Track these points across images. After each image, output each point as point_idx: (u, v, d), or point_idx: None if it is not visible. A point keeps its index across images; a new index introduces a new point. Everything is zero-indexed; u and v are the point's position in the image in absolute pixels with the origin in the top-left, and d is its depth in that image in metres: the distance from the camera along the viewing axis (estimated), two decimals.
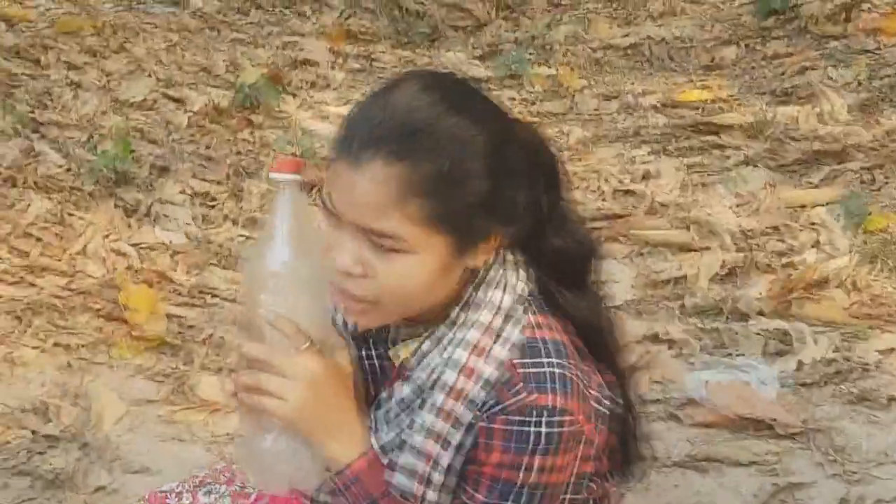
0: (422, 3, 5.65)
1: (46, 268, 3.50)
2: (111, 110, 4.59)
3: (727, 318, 3.08)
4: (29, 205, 3.81)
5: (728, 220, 3.58)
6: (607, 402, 1.43)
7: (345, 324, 1.48)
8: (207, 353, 3.07)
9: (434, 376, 1.34)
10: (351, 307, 1.35)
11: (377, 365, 1.46)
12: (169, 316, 3.25)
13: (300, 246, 1.30)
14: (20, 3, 5.87)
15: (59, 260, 3.54)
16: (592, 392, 1.39)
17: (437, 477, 1.34)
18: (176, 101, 4.68)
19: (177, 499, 1.70)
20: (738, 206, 3.73)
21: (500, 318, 1.34)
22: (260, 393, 1.33)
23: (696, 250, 3.43)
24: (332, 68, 5.08)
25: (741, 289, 3.22)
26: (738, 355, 2.91)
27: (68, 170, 4.07)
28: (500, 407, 1.30)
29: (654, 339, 2.99)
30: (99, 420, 2.86)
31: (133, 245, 3.61)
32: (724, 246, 3.42)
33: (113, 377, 3.04)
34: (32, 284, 3.43)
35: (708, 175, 3.98)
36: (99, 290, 3.38)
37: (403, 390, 1.38)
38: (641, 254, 3.46)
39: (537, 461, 1.29)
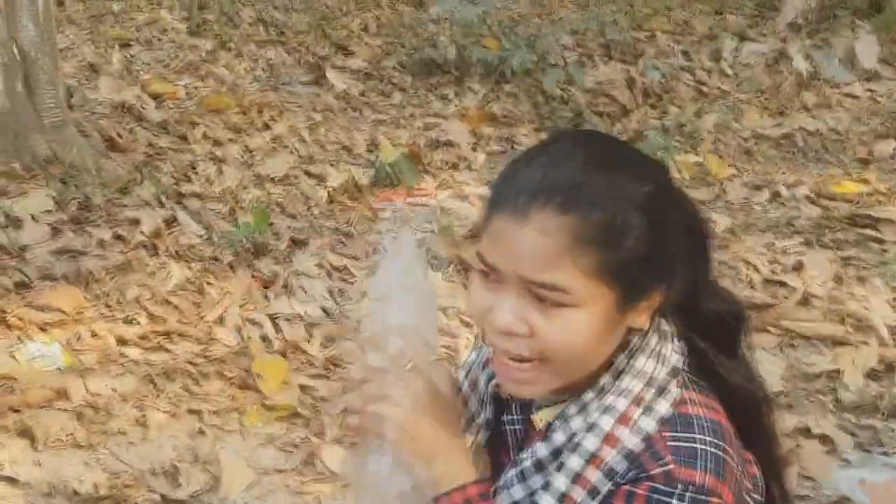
0: (566, 89, 5.77)
1: (182, 334, 3.64)
2: (252, 184, 4.80)
3: (884, 415, 2.99)
4: (168, 273, 3.98)
5: (885, 315, 3.49)
6: (757, 497, 1.40)
7: (485, 384, 1.51)
8: (339, 427, 3.13)
9: (575, 440, 1.34)
10: (513, 375, 1.35)
11: (516, 429, 1.47)
12: (301, 387, 3.34)
13: (418, 269, 1.39)
14: (169, 81, 6.23)
15: (196, 327, 3.68)
16: (746, 483, 1.37)
17: None
18: (316, 177, 4.87)
19: None
20: (895, 300, 3.64)
21: (651, 391, 1.34)
22: (378, 403, 1.38)
23: (850, 344, 3.35)
24: (473, 150, 5.21)
25: None
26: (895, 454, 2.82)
27: (208, 240, 4.26)
28: (645, 475, 1.28)
29: (805, 433, 2.92)
30: (228, 487, 2.93)
31: (268, 315, 3.73)
32: (881, 341, 3.33)
33: (243, 445, 3.12)
34: (168, 350, 3.57)
35: (863, 268, 3.91)
36: (233, 359, 3.50)
37: (540, 450, 1.37)
38: (792, 345, 3.40)
39: None
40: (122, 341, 3.59)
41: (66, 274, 3.95)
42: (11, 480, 2.90)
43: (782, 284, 3.77)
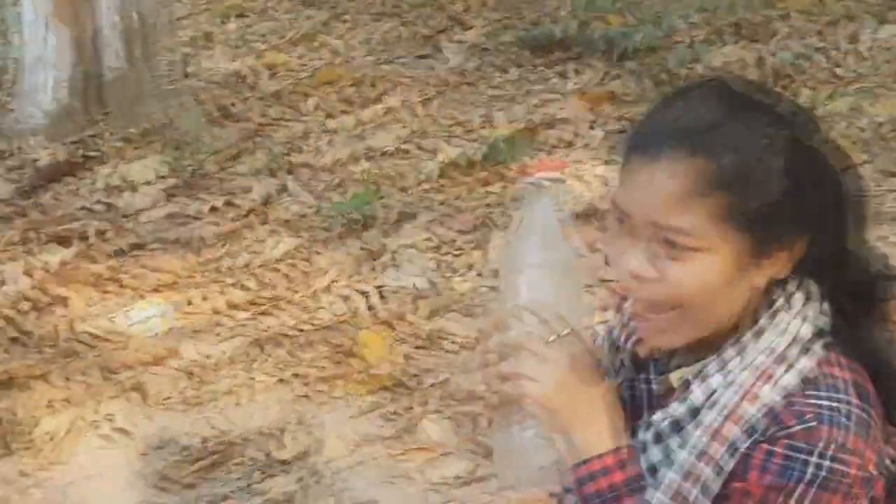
0: (690, 68, 5.82)
1: (290, 301, 3.87)
2: (362, 157, 5.01)
3: None
4: (277, 241, 4.22)
5: None
6: (894, 467, 1.39)
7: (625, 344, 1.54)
8: (442, 398, 3.30)
9: (714, 398, 1.35)
10: (645, 323, 1.39)
11: (651, 390, 1.49)
12: (405, 357, 3.52)
13: (557, 243, 1.42)
14: (283, 52, 6.49)
15: (303, 295, 3.91)
16: (889, 449, 1.37)
17: (702, 500, 1.34)
18: (427, 151, 5.05)
19: None
20: None
21: (795, 349, 1.34)
22: (517, 377, 1.39)
23: None
24: (591, 128, 5.32)
25: None
26: None
27: (317, 211, 4.49)
28: (784, 432, 1.30)
29: None
30: (330, 451, 3.13)
31: (374, 286, 3.93)
32: None
33: (345, 412, 3.32)
34: (275, 316, 3.80)
35: None
36: (338, 327, 3.71)
37: (678, 410, 1.39)
38: None
39: (811, 494, 1.28)
40: (231, 306, 3.84)
41: (178, 238, 4.22)
42: (124, 432, 3.16)
43: None
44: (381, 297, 3.88)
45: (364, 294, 3.88)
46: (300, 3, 7.47)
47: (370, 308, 3.81)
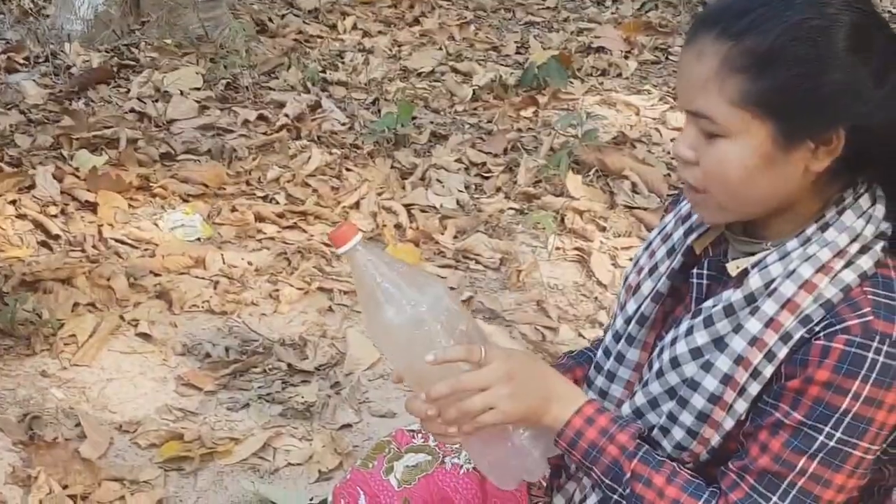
0: None
1: (319, 216, 3.79)
2: (397, 77, 4.90)
3: None
4: (309, 157, 4.13)
5: None
6: None
7: (682, 235, 1.52)
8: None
9: (772, 286, 1.33)
10: (692, 199, 1.39)
11: (703, 284, 1.46)
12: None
13: (402, 291, 1.39)
14: None
15: (332, 210, 3.82)
16: None
17: (754, 387, 1.34)
18: (462, 74, 4.94)
19: (423, 439, 1.76)
20: None
21: (856, 246, 1.32)
22: (472, 417, 1.40)
23: None
24: (626, 58, 5.19)
25: None
26: None
27: (350, 128, 4.39)
28: (842, 326, 1.28)
29: None
30: (352, 363, 3.07)
31: (403, 205, 3.84)
32: None
33: None
34: (304, 230, 3.72)
35: None
36: (366, 244, 3.62)
37: (734, 296, 1.37)
38: None
39: (868, 390, 1.27)
40: (260, 218, 3.76)
41: (210, 150, 4.14)
42: (147, 337, 3.10)
43: None
44: (410, 215, 3.80)
45: (393, 212, 3.80)
46: None
47: (398, 226, 3.73)
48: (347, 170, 4.06)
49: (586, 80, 4.96)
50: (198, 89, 4.56)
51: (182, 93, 4.49)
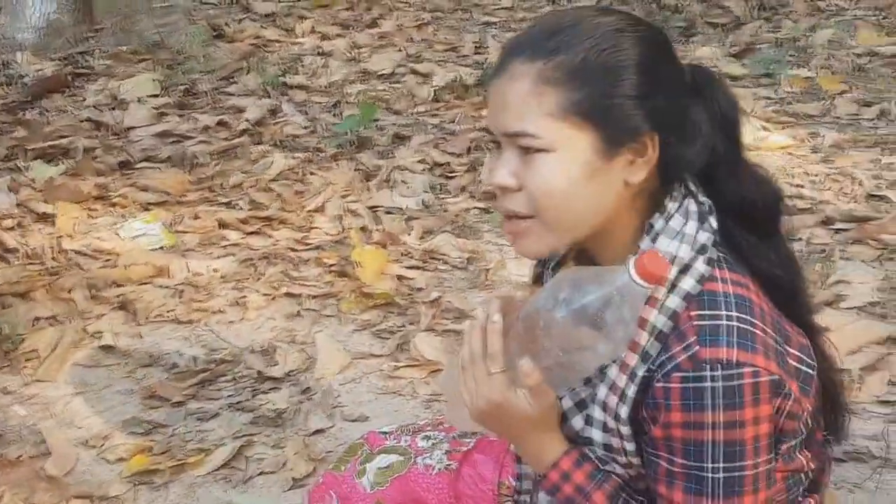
0: None
1: (283, 221, 3.70)
2: (357, 79, 4.82)
3: None
4: (272, 161, 4.04)
5: None
6: (809, 362, 1.40)
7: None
8: (434, 316, 3.16)
9: None
10: (514, 230, 1.36)
11: None
12: (398, 277, 3.37)
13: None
14: None
15: (296, 214, 3.74)
16: (792, 351, 1.37)
17: (624, 429, 1.34)
18: (422, 75, 4.87)
19: (395, 440, 1.76)
20: None
21: (675, 269, 1.32)
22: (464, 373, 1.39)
23: None
24: None
25: None
26: None
27: (312, 132, 4.31)
28: (673, 364, 1.28)
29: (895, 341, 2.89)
30: (323, 367, 2.98)
31: (368, 207, 3.76)
32: None
33: (339, 330, 3.17)
34: (268, 235, 3.64)
35: None
36: (332, 247, 3.54)
37: None
38: (891, 258, 3.34)
39: (722, 416, 1.27)
40: (223, 225, 3.67)
41: (170, 157, 4.04)
42: (111, 349, 3.01)
43: (885, 199, 3.71)
44: (375, 217, 3.72)
45: (358, 215, 3.72)
46: None
47: (363, 228, 3.65)
48: (311, 173, 3.98)
49: None
50: (155, 96, 4.46)
51: (139, 100, 4.39)
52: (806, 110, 4.55)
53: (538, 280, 1.55)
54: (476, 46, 5.28)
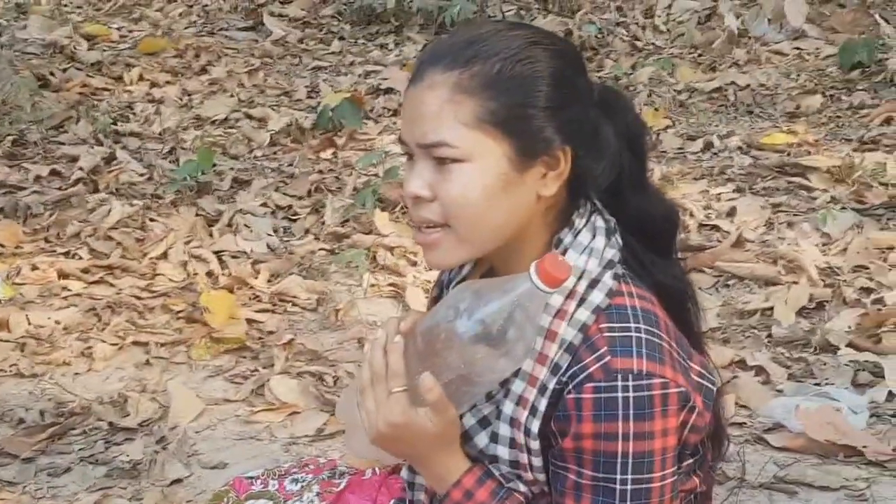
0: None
1: (126, 269, 3.62)
2: (191, 126, 4.76)
3: (815, 349, 3.10)
4: (110, 209, 3.94)
5: (815, 257, 3.60)
6: (710, 377, 1.41)
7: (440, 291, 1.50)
8: (287, 358, 3.14)
9: None
10: (425, 240, 1.35)
11: None
12: (248, 321, 3.33)
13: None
14: (101, 23, 6.13)
15: (139, 262, 3.66)
16: (694, 366, 1.38)
17: (533, 443, 1.32)
18: (257, 120, 4.84)
19: (262, 485, 1.70)
20: (824, 244, 3.76)
21: (584, 283, 1.32)
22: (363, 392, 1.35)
23: (782, 284, 3.46)
24: None
25: (828, 321, 3.25)
26: (827, 384, 2.93)
27: (149, 179, 4.23)
28: (585, 374, 1.28)
29: (742, 365, 3.01)
30: (177, 416, 2.92)
31: (213, 252, 3.71)
32: (811, 281, 3.44)
33: (191, 376, 3.12)
34: (111, 284, 3.55)
35: (793, 214, 4.02)
36: (178, 293, 3.48)
37: None
38: (727, 285, 3.50)
39: (633, 427, 1.27)
40: (63, 275, 3.57)
41: (3, 208, 3.90)
42: None
43: (717, 228, 3.87)
44: (221, 262, 3.68)
45: (203, 260, 3.66)
46: None
47: (210, 273, 3.60)
48: (151, 220, 3.90)
49: (379, 120, 4.96)
50: None
51: None
52: None
53: (435, 303, 1.50)
54: (308, 90, 5.28)
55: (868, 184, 4.16)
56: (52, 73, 5.20)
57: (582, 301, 1.31)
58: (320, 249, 3.76)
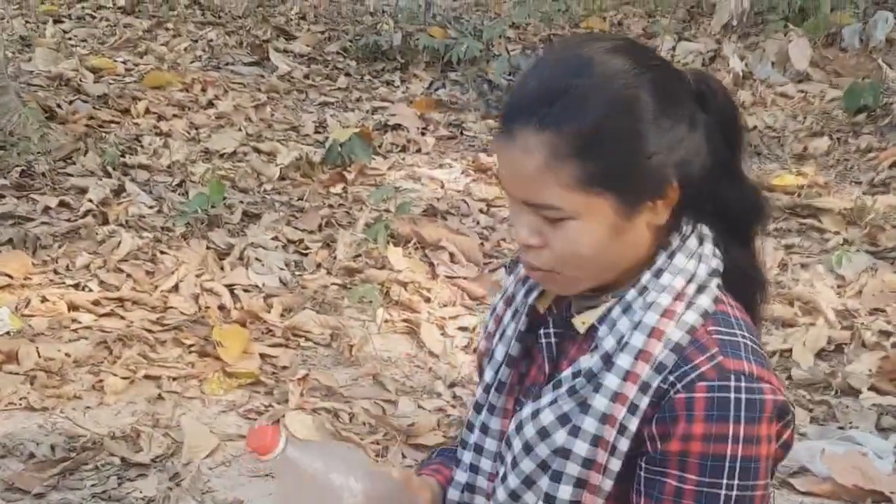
0: (510, 77, 5.80)
1: (137, 301, 3.56)
2: (200, 159, 4.72)
3: (836, 392, 3.07)
4: (120, 241, 3.89)
5: (830, 299, 3.58)
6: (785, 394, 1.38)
7: (522, 297, 1.47)
8: (302, 394, 3.09)
9: (623, 341, 1.30)
10: (538, 278, 1.36)
11: (552, 343, 1.42)
12: (262, 355, 3.29)
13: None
14: (107, 57, 6.10)
15: (150, 295, 3.60)
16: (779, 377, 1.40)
17: (623, 443, 1.29)
18: (266, 154, 4.81)
19: None
20: (839, 286, 3.74)
21: (693, 287, 1.31)
22: None
23: (799, 326, 3.43)
24: (423, 134, 5.20)
25: (849, 365, 3.22)
26: (851, 427, 2.89)
27: (158, 211, 4.18)
28: (697, 373, 1.26)
29: None
30: (190, 452, 2.86)
31: (226, 286, 3.66)
32: (829, 323, 3.42)
33: (204, 411, 3.07)
34: (122, 317, 3.49)
35: (807, 256, 4.00)
36: (190, 327, 3.43)
37: (589, 362, 1.32)
38: None
39: (743, 430, 1.24)
40: (73, 307, 3.51)
41: (11, 239, 3.85)
42: None
43: None
44: (233, 295, 3.63)
45: (215, 294, 3.61)
46: (118, 10, 7.10)
47: (221, 307, 3.55)
48: (161, 252, 3.85)
49: (388, 156, 4.94)
50: None
51: None
52: None
53: (510, 301, 1.49)
54: (316, 125, 5.26)
55: (881, 226, 4.15)
56: (58, 105, 5.16)
57: (690, 304, 1.30)
58: (333, 284, 3.72)
